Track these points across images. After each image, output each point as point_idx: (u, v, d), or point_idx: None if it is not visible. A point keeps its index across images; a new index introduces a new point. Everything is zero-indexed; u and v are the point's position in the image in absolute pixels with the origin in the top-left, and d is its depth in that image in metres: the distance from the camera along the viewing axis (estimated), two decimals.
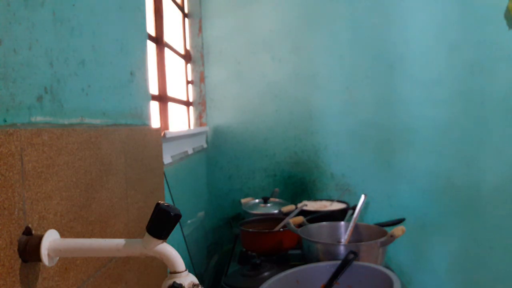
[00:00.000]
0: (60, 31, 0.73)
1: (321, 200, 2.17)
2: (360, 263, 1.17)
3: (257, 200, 2.16)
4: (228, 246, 2.25)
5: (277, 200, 2.16)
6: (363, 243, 1.36)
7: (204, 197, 2.26)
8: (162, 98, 1.79)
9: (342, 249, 1.29)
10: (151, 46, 1.72)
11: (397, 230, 1.32)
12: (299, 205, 1.95)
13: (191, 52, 2.36)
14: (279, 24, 2.34)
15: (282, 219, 1.78)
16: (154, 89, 1.75)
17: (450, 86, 2.28)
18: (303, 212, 1.87)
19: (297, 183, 2.36)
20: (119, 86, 1.02)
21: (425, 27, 2.28)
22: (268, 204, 2.10)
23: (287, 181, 2.36)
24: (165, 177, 1.33)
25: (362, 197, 1.58)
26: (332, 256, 1.29)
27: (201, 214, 2.14)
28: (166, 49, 1.88)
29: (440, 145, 2.29)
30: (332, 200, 2.13)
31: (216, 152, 2.38)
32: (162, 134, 1.36)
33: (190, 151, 1.88)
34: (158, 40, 1.75)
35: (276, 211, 2.02)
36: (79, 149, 0.73)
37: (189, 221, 1.82)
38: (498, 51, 2.24)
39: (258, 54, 2.35)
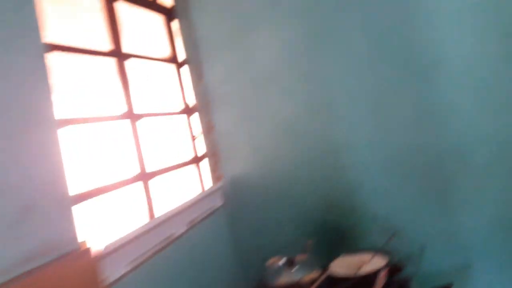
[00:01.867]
0: None
1: (361, 252, 1.81)
2: None
3: (282, 262, 1.88)
4: None
5: (305, 259, 1.85)
6: None
7: (227, 261, 2.05)
8: (145, 176, 1.62)
9: None
10: (110, 65, 1.57)
11: None
12: (331, 266, 1.64)
13: (196, 101, 2.17)
14: (283, 51, 2.03)
15: None
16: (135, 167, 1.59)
17: (510, 85, 1.74)
18: (331, 281, 1.56)
19: (333, 231, 2.02)
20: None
21: (464, 14, 1.78)
22: (294, 268, 1.81)
23: (321, 230, 2.03)
24: None
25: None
26: None
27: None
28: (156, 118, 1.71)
29: (508, 162, 1.77)
30: (375, 251, 1.76)
31: (238, 206, 2.14)
32: (102, 249, 1.18)
33: (181, 230, 1.67)
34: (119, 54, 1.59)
35: (299, 278, 1.72)
36: None
37: None
38: None
39: (265, 89, 2.07)
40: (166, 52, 2.08)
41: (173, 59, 2.10)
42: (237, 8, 2.08)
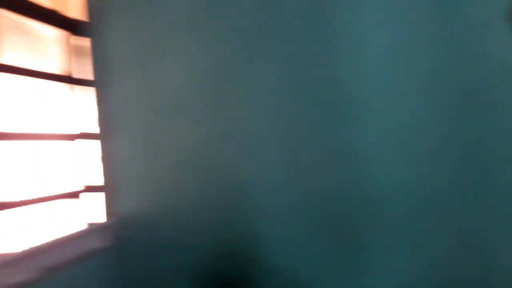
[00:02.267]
0: None
1: None
2: None
3: None
4: None
5: None
6: None
7: None
8: None
9: None
10: None
11: None
12: None
13: (97, 126, 1.94)
14: (193, 79, 1.84)
15: None
16: None
17: (434, 131, 1.59)
18: None
19: (230, 285, 1.77)
20: None
21: (389, 55, 1.64)
22: None
23: (216, 281, 1.78)
24: None
25: None
26: None
27: None
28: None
29: (426, 218, 1.59)
30: None
31: (127, 249, 1.88)
32: None
33: (28, 276, 1.38)
34: None
35: None
36: None
37: None
38: (503, 72, 1.53)
39: (170, 117, 1.86)
40: (61, 70, 1.87)
41: (68, 79, 1.88)
42: (149, 28, 1.90)
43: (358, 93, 1.67)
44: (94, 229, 1.76)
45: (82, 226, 1.80)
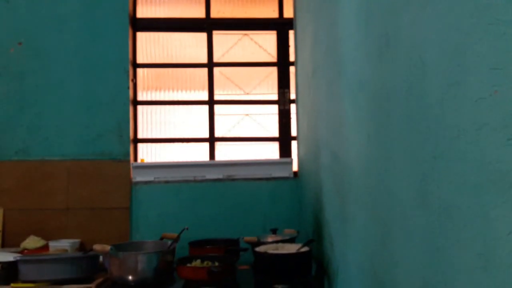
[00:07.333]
0: None
1: None
2: None
3: None
4: None
5: None
6: None
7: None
8: None
9: None
10: None
11: None
12: None
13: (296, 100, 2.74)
14: None
15: None
16: None
17: None
18: None
19: None
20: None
21: None
22: None
23: None
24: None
25: None
26: None
27: None
28: None
29: None
30: None
31: (298, 180, 2.64)
32: None
33: None
34: None
35: None
36: None
37: None
38: None
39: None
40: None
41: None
42: None
43: None
44: (282, 162, 2.66)
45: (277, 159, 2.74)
